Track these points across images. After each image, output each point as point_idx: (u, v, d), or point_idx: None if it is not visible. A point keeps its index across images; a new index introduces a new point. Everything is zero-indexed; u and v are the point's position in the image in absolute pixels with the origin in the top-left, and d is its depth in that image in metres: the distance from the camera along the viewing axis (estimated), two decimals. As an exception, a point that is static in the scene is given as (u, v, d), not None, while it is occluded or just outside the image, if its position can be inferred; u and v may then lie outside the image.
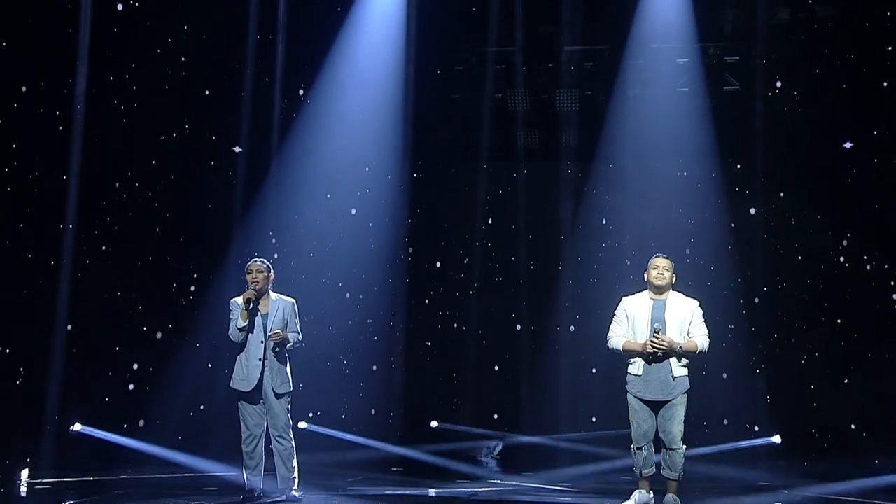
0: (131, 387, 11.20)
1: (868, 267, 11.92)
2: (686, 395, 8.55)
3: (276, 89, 12.44)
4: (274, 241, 12.43)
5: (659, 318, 8.58)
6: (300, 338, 9.02)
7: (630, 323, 8.69)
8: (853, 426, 11.56)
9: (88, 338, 10.76)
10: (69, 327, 10.60)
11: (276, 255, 11.62)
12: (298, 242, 12.56)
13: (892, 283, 11.73)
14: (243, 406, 8.87)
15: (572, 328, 12.77)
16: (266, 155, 12.48)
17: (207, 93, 11.96)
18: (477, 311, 13.06)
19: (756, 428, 12.00)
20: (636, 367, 8.60)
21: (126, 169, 11.49)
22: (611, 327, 8.78)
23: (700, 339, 8.56)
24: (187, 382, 11.46)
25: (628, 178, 12.69)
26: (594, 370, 12.38)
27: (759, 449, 11.78)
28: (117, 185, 11.45)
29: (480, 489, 10.34)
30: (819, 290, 12.08)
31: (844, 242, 12.03)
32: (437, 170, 13.28)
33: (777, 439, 11.67)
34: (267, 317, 8.85)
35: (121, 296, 11.17)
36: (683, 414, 8.54)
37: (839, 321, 11.91)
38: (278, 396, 8.81)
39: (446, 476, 11.36)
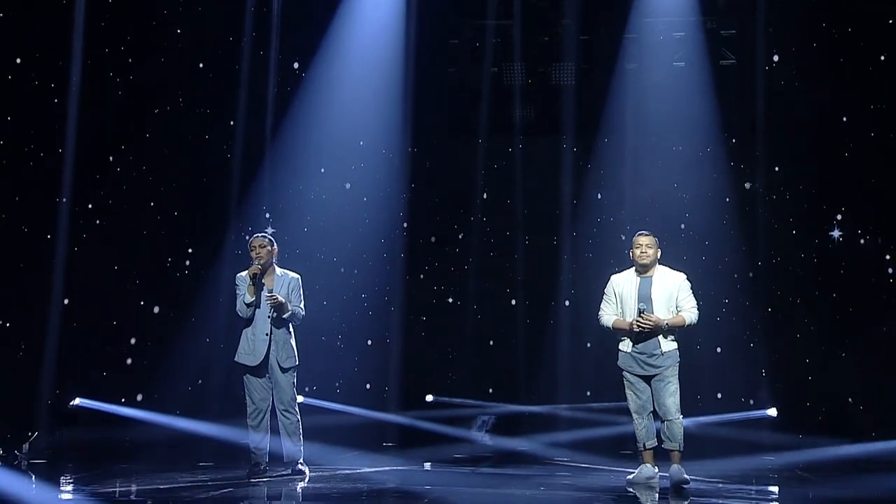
0: (129, 361, 11.14)
1: (862, 241, 11.94)
2: (677, 368, 8.69)
3: (271, 62, 12.39)
4: (268, 215, 12.40)
5: (645, 295, 8.70)
6: (302, 313, 8.99)
7: (618, 301, 8.83)
8: (850, 400, 11.61)
9: (86, 312, 10.69)
10: (66, 301, 10.52)
11: (269, 229, 11.57)
12: (292, 217, 12.50)
13: (888, 257, 11.76)
14: (248, 380, 8.85)
15: (567, 303, 12.78)
16: (260, 128, 12.42)
17: (202, 66, 11.88)
18: (472, 286, 13.05)
19: (751, 402, 12.06)
20: (626, 344, 8.78)
21: (120, 142, 11.39)
22: (601, 306, 8.94)
23: (688, 312, 8.69)
24: (185, 356, 11.41)
25: (624, 153, 12.67)
26: (589, 344, 12.40)
27: (755, 421, 11.82)
28: (111, 158, 11.35)
29: (479, 464, 10.35)
30: (813, 265, 12.11)
31: (839, 217, 12.05)
32: (433, 144, 13.22)
33: (773, 412, 11.71)
34: (272, 292, 8.81)
35: (117, 270, 11.10)
36: (676, 386, 8.67)
37: (834, 295, 11.94)
38: (284, 371, 8.80)
39: (442, 450, 11.37)
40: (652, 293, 8.69)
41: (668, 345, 8.65)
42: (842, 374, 11.72)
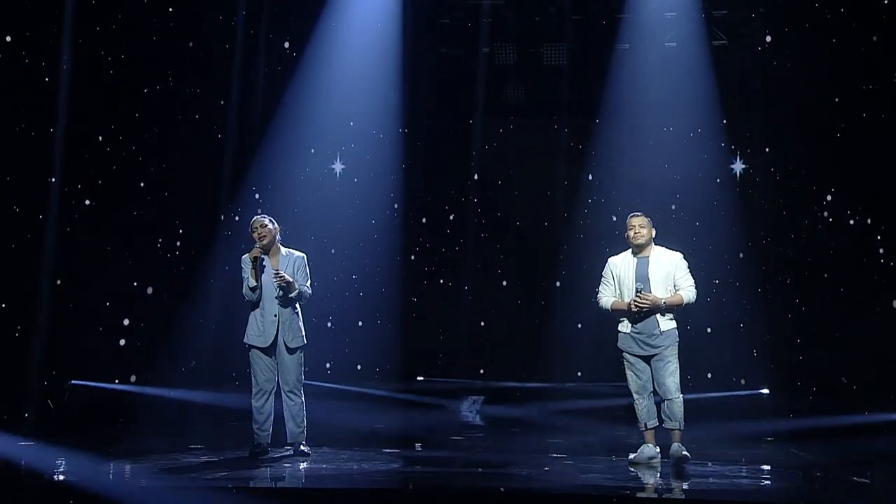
0: (122, 342, 11.05)
1: (852, 222, 11.99)
2: (676, 347, 8.73)
3: (261, 42, 12.30)
4: (257, 196, 12.33)
5: (643, 276, 8.73)
6: (309, 292, 8.97)
7: (616, 283, 8.87)
8: (844, 380, 11.66)
9: (78, 293, 10.59)
10: (58, 282, 10.42)
11: (259, 211, 11.48)
12: (282, 198, 12.43)
13: (878, 237, 11.81)
14: (255, 360, 8.79)
15: (559, 284, 12.81)
16: (251, 109, 12.34)
17: (192, 45, 11.77)
18: (463, 267, 13.06)
19: (742, 382, 12.13)
20: (625, 324, 8.83)
21: (110, 122, 11.27)
22: (599, 288, 8.98)
23: (685, 291, 8.73)
24: (178, 337, 11.34)
25: (616, 134, 12.71)
26: (580, 325, 12.44)
27: (747, 400, 11.90)
28: (101, 138, 11.24)
29: (475, 447, 10.35)
30: (804, 245, 12.16)
31: (829, 197, 12.09)
32: (424, 125, 13.24)
33: (765, 391, 11.79)
34: (278, 271, 8.75)
35: (110, 250, 11.00)
36: (675, 365, 8.71)
37: (825, 275, 11.98)
38: (290, 351, 8.76)
39: (435, 431, 11.36)
40: (649, 273, 8.73)
41: (666, 324, 8.69)
42: (833, 353, 11.77)
